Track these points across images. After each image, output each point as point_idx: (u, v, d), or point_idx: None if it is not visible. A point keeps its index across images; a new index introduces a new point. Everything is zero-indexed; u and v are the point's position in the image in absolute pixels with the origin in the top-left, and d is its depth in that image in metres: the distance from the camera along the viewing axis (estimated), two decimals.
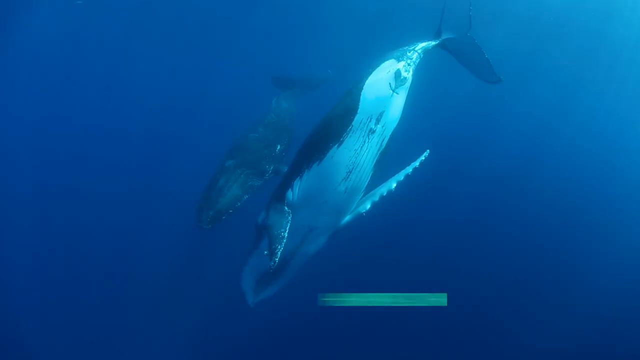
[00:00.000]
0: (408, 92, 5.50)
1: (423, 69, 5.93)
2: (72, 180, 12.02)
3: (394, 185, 5.10)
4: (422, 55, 5.69)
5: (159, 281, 10.38)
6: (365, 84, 5.21)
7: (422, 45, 5.77)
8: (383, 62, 5.45)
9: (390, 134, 5.23)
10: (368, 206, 5.15)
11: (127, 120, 13.63)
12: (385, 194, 5.11)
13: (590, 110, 16.53)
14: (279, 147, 7.99)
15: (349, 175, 4.98)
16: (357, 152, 4.97)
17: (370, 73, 5.33)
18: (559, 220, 13.22)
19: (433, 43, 5.93)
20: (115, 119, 13.70)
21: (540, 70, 16.24)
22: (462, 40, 6.09)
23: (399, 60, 5.42)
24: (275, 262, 4.48)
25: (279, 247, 4.58)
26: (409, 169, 5.13)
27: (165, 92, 14.10)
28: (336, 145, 4.93)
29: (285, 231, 4.77)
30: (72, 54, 14.63)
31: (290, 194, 5.08)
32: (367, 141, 5.01)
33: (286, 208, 5.04)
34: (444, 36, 6.06)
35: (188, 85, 14.09)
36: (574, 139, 15.61)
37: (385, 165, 5.50)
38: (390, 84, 5.19)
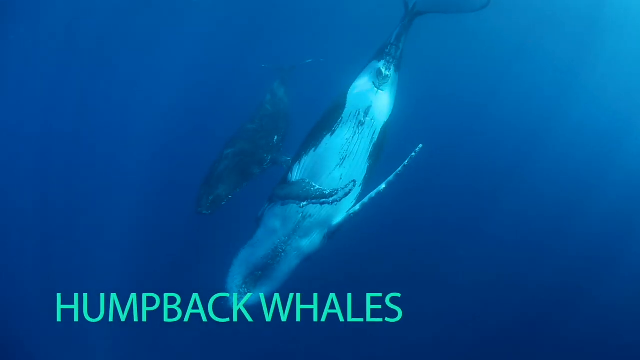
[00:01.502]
0: (397, 87, 5.96)
1: (422, 67, 6.01)
2: (72, 173, 12.16)
3: (384, 186, 5.12)
4: (400, 44, 6.10)
5: (158, 270, 10.44)
6: (352, 85, 5.90)
7: (395, 33, 6.17)
8: (367, 63, 6.07)
9: (381, 126, 5.73)
10: (357, 207, 5.25)
11: (126, 112, 13.75)
12: (374, 195, 5.15)
13: (588, 106, 16.34)
14: (276, 137, 8.11)
15: (342, 162, 5.44)
16: (349, 141, 5.52)
17: (356, 75, 5.98)
18: (558, 217, 13.20)
19: (406, 20, 6.28)
20: (114, 113, 13.83)
21: (539, 63, 16.14)
22: None
23: (379, 60, 6.05)
24: (330, 202, 4.82)
25: (325, 192, 4.89)
26: (400, 168, 5.10)
27: (163, 85, 14.14)
28: (329, 134, 5.58)
29: (313, 186, 5.14)
30: (70, 51, 14.67)
31: (290, 176, 5.54)
32: (357, 132, 5.58)
33: (294, 179, 5.46)
34: (410, 5, 6.31)
35: (185, 78, 14.09)
36: (573, 135, 15.50)
37: (382, 159, 5.78)
38: (373, 82, 5.85)
